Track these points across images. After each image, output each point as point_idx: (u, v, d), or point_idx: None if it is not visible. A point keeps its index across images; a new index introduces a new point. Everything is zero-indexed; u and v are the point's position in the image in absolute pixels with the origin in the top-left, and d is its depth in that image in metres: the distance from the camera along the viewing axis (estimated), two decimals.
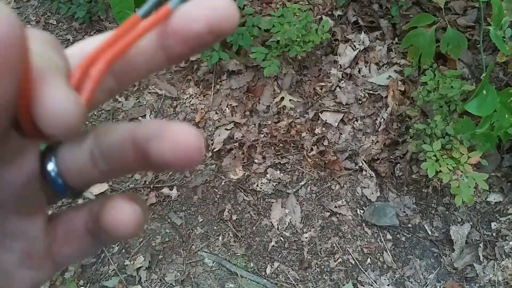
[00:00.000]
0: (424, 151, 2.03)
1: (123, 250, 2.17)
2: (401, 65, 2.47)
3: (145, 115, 2.55)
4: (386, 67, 2.50)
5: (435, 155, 2.00)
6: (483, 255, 2.07)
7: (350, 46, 2.54)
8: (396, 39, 2.55)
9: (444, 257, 2.11)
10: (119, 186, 2.34)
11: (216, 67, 2.59)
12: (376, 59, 2.51)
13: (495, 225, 2.14)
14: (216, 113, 2.52)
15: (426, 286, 2.05)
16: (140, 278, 2.10)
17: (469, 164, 1.97)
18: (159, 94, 2.62)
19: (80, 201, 2.25)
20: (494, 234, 2.12)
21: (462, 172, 1.96)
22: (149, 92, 2.63)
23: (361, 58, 2.53)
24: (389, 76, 2.45)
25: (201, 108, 2.54)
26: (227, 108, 2.52)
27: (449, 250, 2.12)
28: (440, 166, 1.98)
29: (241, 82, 2.55)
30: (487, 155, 2.09)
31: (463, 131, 2.04)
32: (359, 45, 2.53)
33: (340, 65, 2.52)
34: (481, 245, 2.09)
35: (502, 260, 2.06)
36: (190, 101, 2.57)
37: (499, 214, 2.17)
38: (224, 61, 2.56)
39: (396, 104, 2.36)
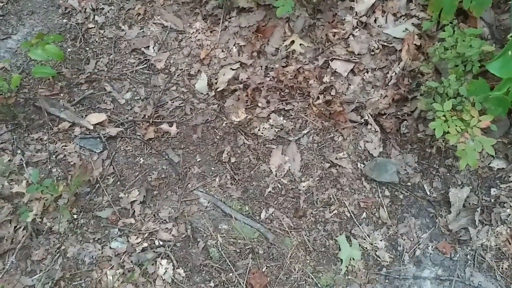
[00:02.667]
0: (433, 110, 1.97)
1: (118, 183, 2.15)
2: (419, 18, 2.36)
3: (149, 46, 2.44)
4: (403, 19, 2.39)
5: (444, 115, 1.95)
6: (479, 220, 2.07)
7: None
8: None
9: (439, 218, 2.10)
10: (117, 118, 2.28)
11: (226, 2, 2.47)
12: (394, 10, 2.39)
13: (494, 191, 2.12)
14: (223, 51, 2.42)
15: (418, 245, 2.05)
16: (134, 211, 2.08)
17: (478, 127, 1.92)
18: (164, 26, 2.50)
19: (78, 130, 2.20)
20: (492, 200, 2.11)
21: (470, 135, 1.91)
22: (154, 23, 2.52)
23: (378, 7, 2.41)
24: (406, 28, 2.35)
25: (207, 45, 2.44)
26: (234, 47, 2.42)
27: (446, 211, 2.11)
28: (448, 127, 1.93)
29: (251, 20, 2.44)
30: (496, 120, 2.03)
31: (476, 93, 1.97)
32: None
33: (356, 12, 2.40)
34: (478, 209, 2.08)
35: (497, 226, 2.06)
36: (196, 36, 2.47)
37: (500, 181, 2.14)
38: None
39: (409, 59, 2.27)
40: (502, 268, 2.00)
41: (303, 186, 2.15)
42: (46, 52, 2.11)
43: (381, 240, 2.06)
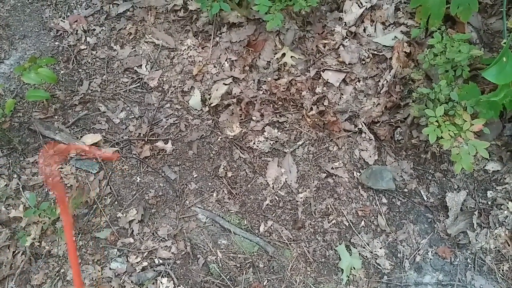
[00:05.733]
0: (426, 116, 1.99)
1: (116, 202, 2.15)
2: (408, 26, 2.39)
3: (141, 65, 2.46)
4: (392, 27, 2.41)
5: (437, 121, 1.96)
6: (477, 223, 2.07)
7: (357, 3, 2.44)
8: None
9: (438, 223, 2.11)
10: (112, 137, 2.29)
11: (216, 19, 2.49)
12: (383, 18, 2.42)
13: (491, 194, 2.13)
14: (215, 66, 2.44)
15: (418, 251, 2.06)
16: (133, 230, 2.08)
17: (471, 131, 1.94)
18: (156, 44, 2.52)
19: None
20: (489, 203, 2.12)
21: (463, 139, 1.93)
22: (145, 42, 2.53)
23: (367, 16, 2.44)
24: (395, 36, 2.37)
25: (199, 61, 2.46)
26: (226, 62, 2.44)
27: (444, 216, 2.11)
28: (441, 132, 1.94)
29: (241, 35, 2.46)
30: (489, 123, 2.05)
31: (467, 97, 1.99)
32: (366, 2, 2.43)
33: (345, 22, 2.43)
34: (475, 212, 2.08)
35: (495, 229, 2.07)
36: (188, 52, 2.48)
37: (496, 183, 2.15)
38: (224, 13, 2.45)
39: (400, 66, 2.29)
40: (502, 270, 2.01)
41: (301, 197, 2.16)
42: (39, 75, 2.12)
43: (380, 248, 2.06)
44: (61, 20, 2.59)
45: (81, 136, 2.28)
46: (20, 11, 2.63)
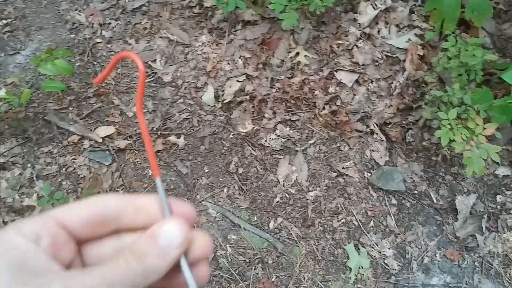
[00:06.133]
0: (438, 118, 2.00)
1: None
2: (422, 29, 2.40)
3: (156, 60, 2.48)
4: (406, 30, 2.43)
5: (449, 124, 1.98)
6: (485, 227, 2.08)
7: (372, 4, 2.46)
8: (419, 1, 2.47)
9: (446, 225, 2.12)
10: (125, 130, 2.31)
11: (231, 16, 2.51)
12: (397, 21, 2.43)
13: (500, 198, 2.14)
14: (228, 63, 2.46)
15: (426, 252, 2.07)
16: None
17: (483, 135, 1.95)
18: (171, 40, 2.54)
19: (87, 144, 2.22)
20: (498, 207, 2.13)
21: (475, 142, 1.94)
22: (160, 37, 2.56)
23: (381, 18, 2.46)
24: (409, 39, 2.39)
25: (213, 57, 2.48)
26: (239, 59, 2.46)
27: (453, 219, 2.13)
28: (454, 135, 1.96)
29: (256, 33, 2.48)
30: (501, 128, 2.06)
31: (481, 101, 2.00)
32: (381, 4, 2.45)
33: (359, 23, 2.44)
34: (485, 216, 2.10)
35: (504, 233, 2.08)
36: (202, 49, 2.51)
37: (506, 188, 2.17)
38: (240, 10, 2.47)
39: (413, 69, 2.31)
40: (509, 274, 2.02)
41: (311, 196, 2.18)
42: (56, 67, 2.14)
43: (389, 248, 2.08)
44: (77, 13, 2.62)
45: (94, 128, 2.30)
46: (37, 3, 2.66)
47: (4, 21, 2.58)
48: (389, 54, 2.38)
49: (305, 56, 2.40)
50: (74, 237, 0.42)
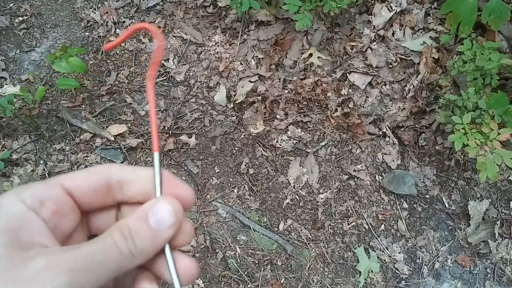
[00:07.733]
0: (452, 122, 1.98)
1: None
2: (437, 32, 2.37)
3: (169, 59, 2.49)
4: (421, 32, 2.40)
5: (463, 128, 1.95)
6: (498, 233, 2.06)
7: (387, 6, 2.44)
8: (435, 3, 2.43)
9: (458, 231, 2.10)
10: (137, 129, 2.32)
11: (245, 16, 2.50)
12: (412, 23, 2.41)
13: None
14: (241, 63, 2.45)
15: (437, 257, 2.05)
16: None
17: (498, 140, 1.92)
18: (184, 39, 2.54)
19: (99, 141, 2.24)
20: (511, 213, 2.10)
21: (489, 148, 1.91)
22: (173, 36, 2.56)
23: (396, 20, 2.43)
24: (424, 42, 2.36)
25: (226, 57, 2.48)
26: (252, 60, 2.45)
27: (465, 224, 2.10)
28: (467, 140, 1.93)
29: (269, 33, 2.47)
30: None
31: (496, 106, 1.98)
32: (396, 6, 2.42)
33: (373, 25, 2.42)
34: (498, 222, 2.07)
35: None
36: (215, 48, 2.50)
37: None
38: (253, 11, 2.47)
39: (427, 72, 2.28)
40: None
41: (321, 198, 2.16)
42: (70, 64, 2.15)
43: (399, 253, 2.06)
44: (92, 11, 2.63)
45: (106, 126, 2.31)
46: (53, 1, 2.68)
47: (20, 18, 2.60)
48: (403, 56, 2.36)
49: (318, 57, 2.39)
50: (79, 205, 0.41)
